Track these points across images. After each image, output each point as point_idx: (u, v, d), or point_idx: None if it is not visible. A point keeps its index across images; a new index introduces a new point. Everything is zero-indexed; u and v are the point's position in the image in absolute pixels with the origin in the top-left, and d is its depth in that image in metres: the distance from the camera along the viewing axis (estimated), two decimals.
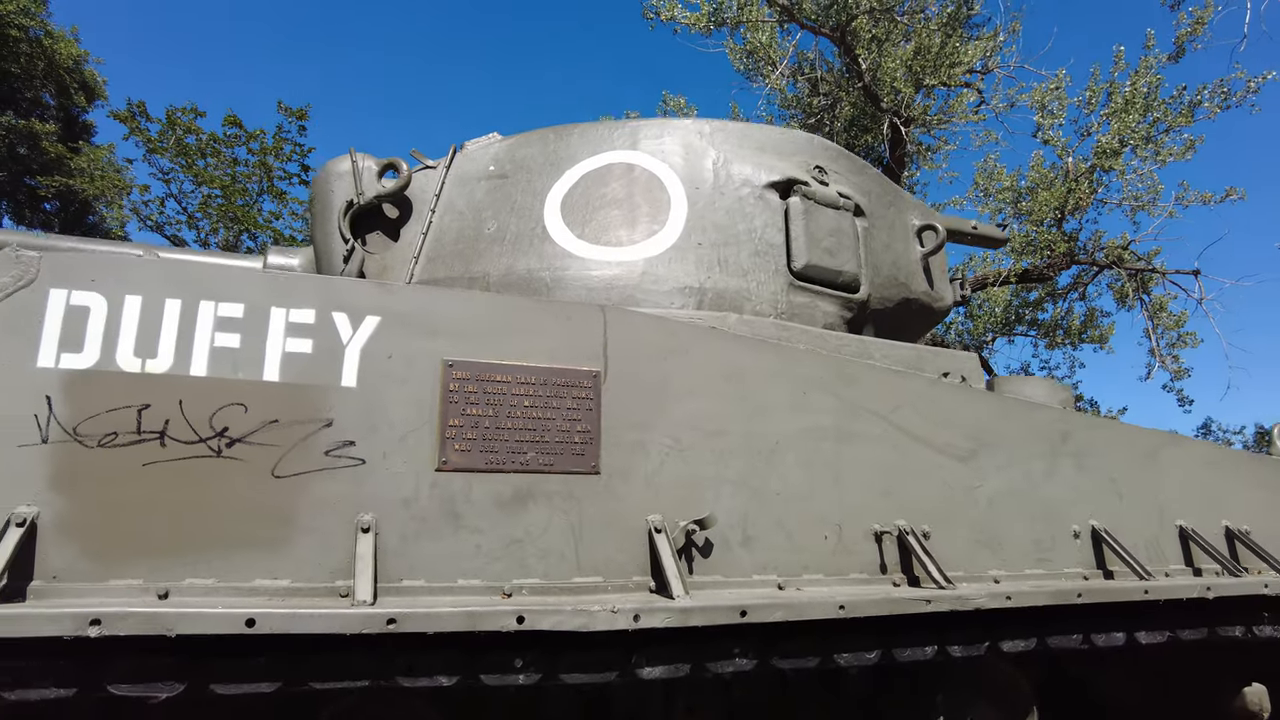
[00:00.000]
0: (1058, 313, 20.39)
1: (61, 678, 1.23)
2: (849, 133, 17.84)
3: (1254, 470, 2.44)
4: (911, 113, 15.58)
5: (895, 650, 1.68)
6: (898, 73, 15.14)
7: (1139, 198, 17.18)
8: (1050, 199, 15.69)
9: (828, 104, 17.71)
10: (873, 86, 15.61)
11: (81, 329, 1.44)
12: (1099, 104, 16.28)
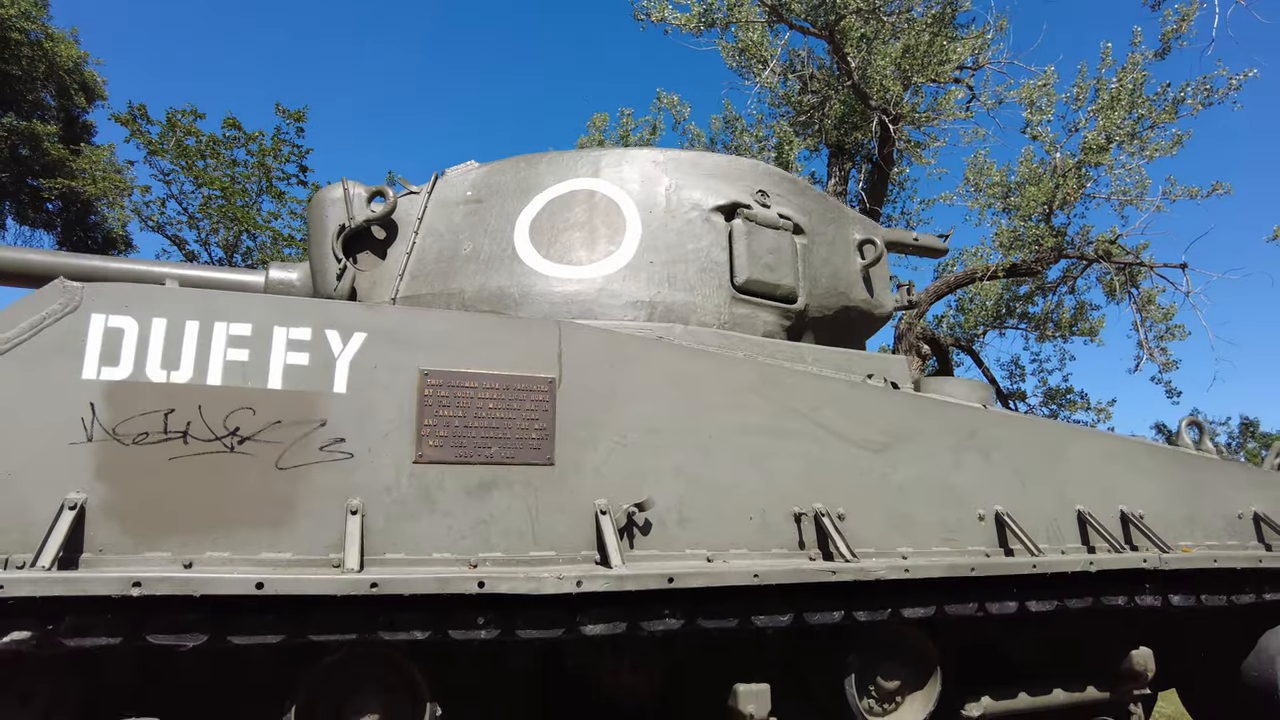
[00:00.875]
0: (1048, 306, 20.65)
1: (111, 629, 1.53)
2: (839, 130, 18.08)
3: (1150, 461, 2.74)
4: (900, 110, 15.80)
5: (806, 614, 1.98)
6: (887, 70, 15.37)
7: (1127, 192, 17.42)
8: (1038, 194, 15.96)
9: (818, 101, 17.96)
10: (861, 85, 15.85)
11: (117, 346, 1.73)
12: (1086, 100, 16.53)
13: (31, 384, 1.66)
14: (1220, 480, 2.84)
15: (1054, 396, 21.99)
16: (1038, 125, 16.96)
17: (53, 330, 1.70)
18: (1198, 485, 2.78)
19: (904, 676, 2.24)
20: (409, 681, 1.79)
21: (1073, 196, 16.62)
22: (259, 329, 1.81)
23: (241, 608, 1.61)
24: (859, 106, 16.43)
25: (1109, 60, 16.37)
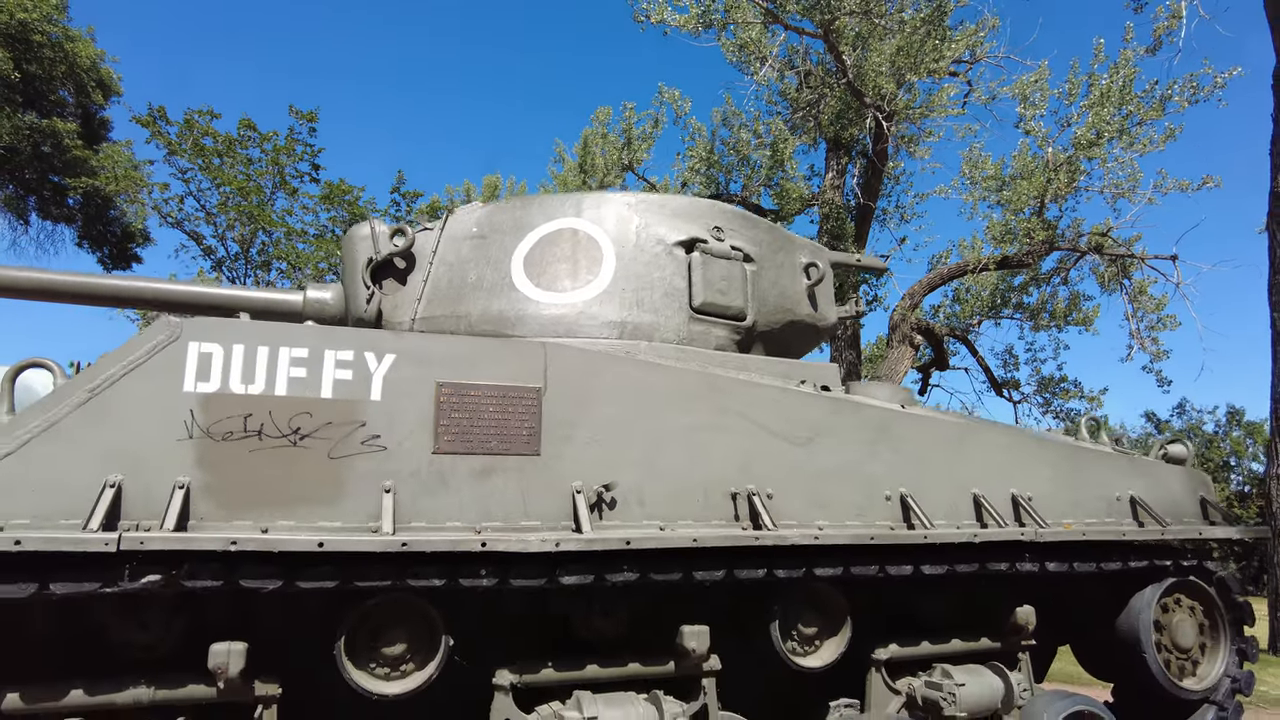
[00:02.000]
0: (1043, 296, 21.10)
1: (214, 575, 2.10)
2: (835, 125, 18.49)
3: (1041, 451, 3.28)
4: (894, 107, 16.21)
5: (736, 571, 2.55)
6: (882, 68, 15.79)
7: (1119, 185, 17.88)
8: (1029, 188, 16.41)
9: (814, 98, 18.37)
10: (856, 82, 16.28)
11: (209, 367, 2.30)
12: (1079, 95, 16.94)
13: (149, 395, 2.23)
14: (1104, 468, 3.39)
15: (1047, 385, 22.47)
16: (1031, 120, 17.39)
17: (162, 355, 2.27)
18: (1083, 472, 3.33)
19: (820, 624, 2.82)
20: (428, 619, 2.37)
21: (1064, 190, 17.07)
22: (313, 352, 2.38)
23: (306, 561, 2.19)
24: (854, 103, 16.86)
25: (1101, 56, 16.76)
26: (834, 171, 19.60)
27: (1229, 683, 3.42)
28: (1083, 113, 16.34)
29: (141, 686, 2.25)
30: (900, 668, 3.06)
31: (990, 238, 17.18)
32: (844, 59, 16.14)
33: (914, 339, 19.11)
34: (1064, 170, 16.07)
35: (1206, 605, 3.46)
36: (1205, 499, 3.55)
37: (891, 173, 19.46)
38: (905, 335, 18.80)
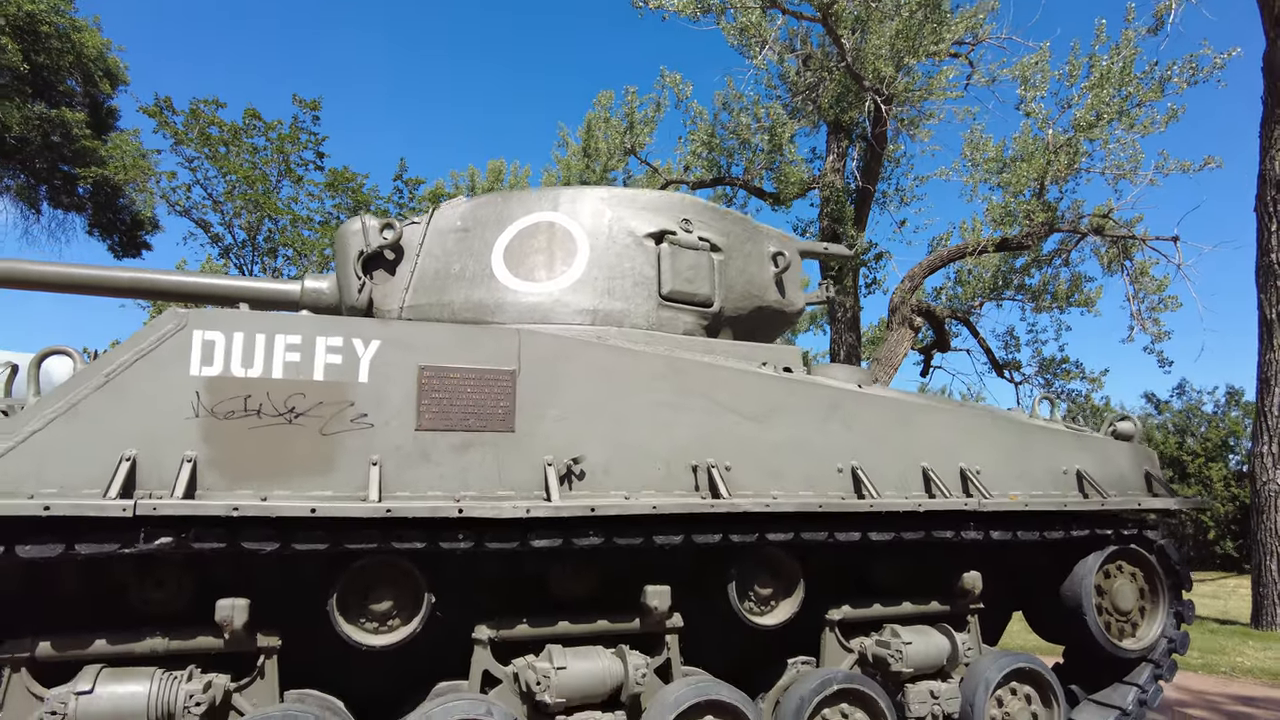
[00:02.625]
0: (1045, 278, 21.17)
1: (218, 538, 2.36)
2: (835, 109, 18.55)
3: (991, 428, 3.50)
4: (893, 90, 16.27)
5: (694, 536, 2.79)
6: (881, 51, 15.85)
7: (1120, 166, 17.92)
8: (1029, 170, 16.48)
9: (814, 81, 18.42)
10: (855, 66, 16.35)
11: (212, 352, 2.55)
12: (1080, 77, 16.96)
13: (159, 379, 2.48)
14: (1052, 444, 3.61)
15: (1048, 366, 22.58)
16: (1031, 101, 17.42)
17: (170, 342, 2.52)
18: (1031, 448, 3.55)
19: (775, 586, 3.06)
20: (412, 579, 2.63)
21: (1064, 173, 17.13)
22: (306, 339, 2.63)
23: (301, 526, 2.44)
24: (853, 87, 16.92)
25: (1103, 37, 16.78)
26: (835, 154, 19.69)
27: (1166, 643, 3.65)
28: (1083, 94, 16.36)
29: (157, 638, 2.52)
30: (853, 628, 3.31)
31: (990, 220, 17.27)
32: (843, 43, 16.20)
33: (914, 321, 19.25)
34: (1064, 152, 16.12)
35: (1147, 571, 3.70)
36: (1150, 473, 3.77)
37: (892, 155, 19.51)
38: (905, 317, 18.95)
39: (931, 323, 20.63)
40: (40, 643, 2.42)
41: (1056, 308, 20.48)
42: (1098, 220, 17.96)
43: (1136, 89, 16.10)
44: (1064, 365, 21.91)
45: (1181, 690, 6.92)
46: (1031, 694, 3.39)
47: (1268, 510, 9.85)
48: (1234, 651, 8.72)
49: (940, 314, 20.33)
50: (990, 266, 19.82)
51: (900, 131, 18.96)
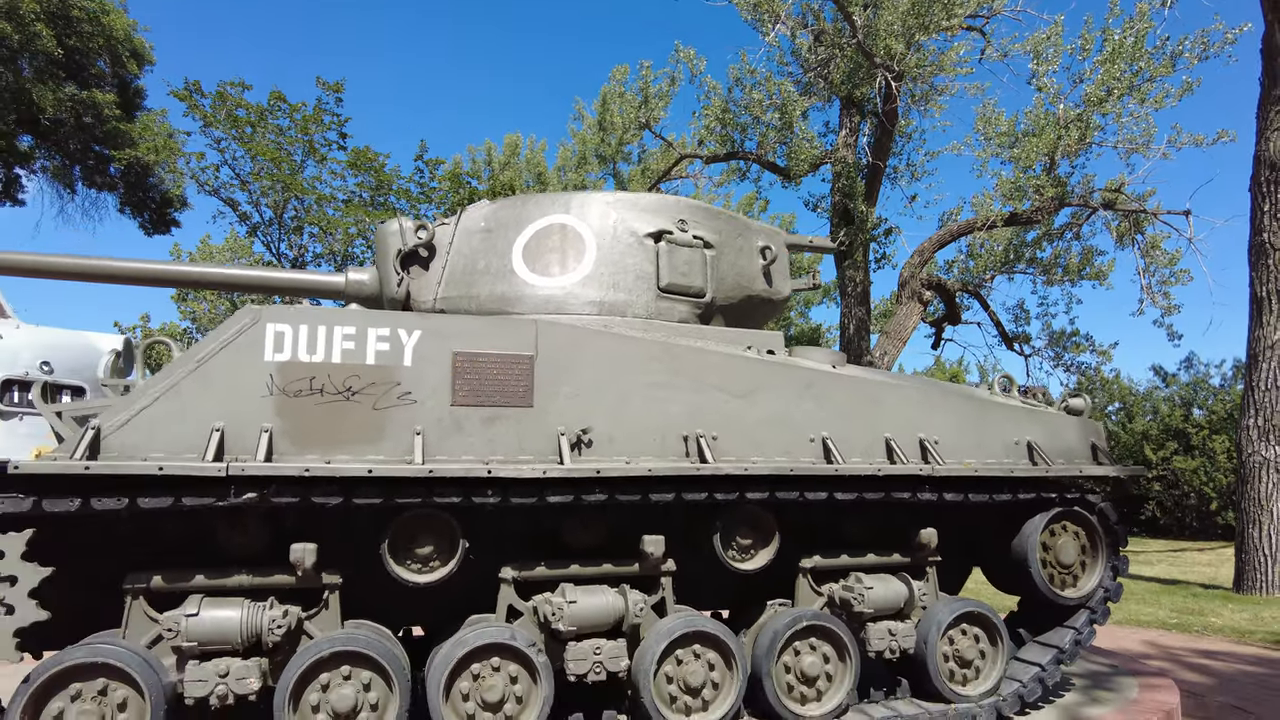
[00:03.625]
0: (1057, 251, 21.36)
1: (292, 494, 2.91)
2: (847, 84, 18.74)
3: (949, 403, 3.98)
4: (904, 67, 16.46)
5: (684, 494, 3.32)
6: (894, 26, 16.04)
7: (1133, 140, 18.05)
8: (1039, 145, 16.68)
9: (825, 59, 18.60)
10: (865, 43, 16.56)
11: (282, 341, 3.08)
12: (1093, 51, 17.05)
13: (239, 364, 3.03)
14: (1006, 417, 4.08)
15: (1059, 339, 22.83)
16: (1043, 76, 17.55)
17: (247, 334, 3.06)
18: (986, 421, 4.03)
19: (754, 538, 3.59)
20: (449, 528, 3.18)
21: (1074, 147, 17.30)
22: (359, 330, 3.15)
23: (359, 484, 2.99)
24: (864, 63, 17.13)
25: (1116, 10, 16.84)
26: (847, 129, 19.90)
27: (1102, 593, 4.15)
28: (1095, 69, 16.47)
29: (243, 575, 3.10)
30: (824, 575, 3.84)
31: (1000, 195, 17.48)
32: (854, 19, 16.37)
33: (923, 295, 19.57)
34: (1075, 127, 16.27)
35: (1088, 531, 4.18)
36: (1095, 444, 4.25)
37: (903, 130, 19.68)
38: (914, 291, 19.28)
39: (943, 296, 20.94)
40: (154, 577, 3.00)
41: (1068, 281, 20.69)
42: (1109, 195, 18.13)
43: (1148, 64, 16.19)
44: (1074, 338, 22.14)
45: (1149, 645, 7.45)
46: (980, 634, 3.91)
47: (1252, 480, 10.27)
48: (1211, 613, 9.22)
49: (951, 287, 20.61)
50: (1002, 240, 20.00)
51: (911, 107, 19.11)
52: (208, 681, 2.90)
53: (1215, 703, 5.55)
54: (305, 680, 2.98)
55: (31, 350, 8.42)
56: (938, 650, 3.77)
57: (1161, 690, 4.41)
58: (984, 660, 3.90)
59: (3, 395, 8.01)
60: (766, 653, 3.47)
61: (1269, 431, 10.14)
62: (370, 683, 3.04)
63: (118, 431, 2.89)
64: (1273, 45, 10.31)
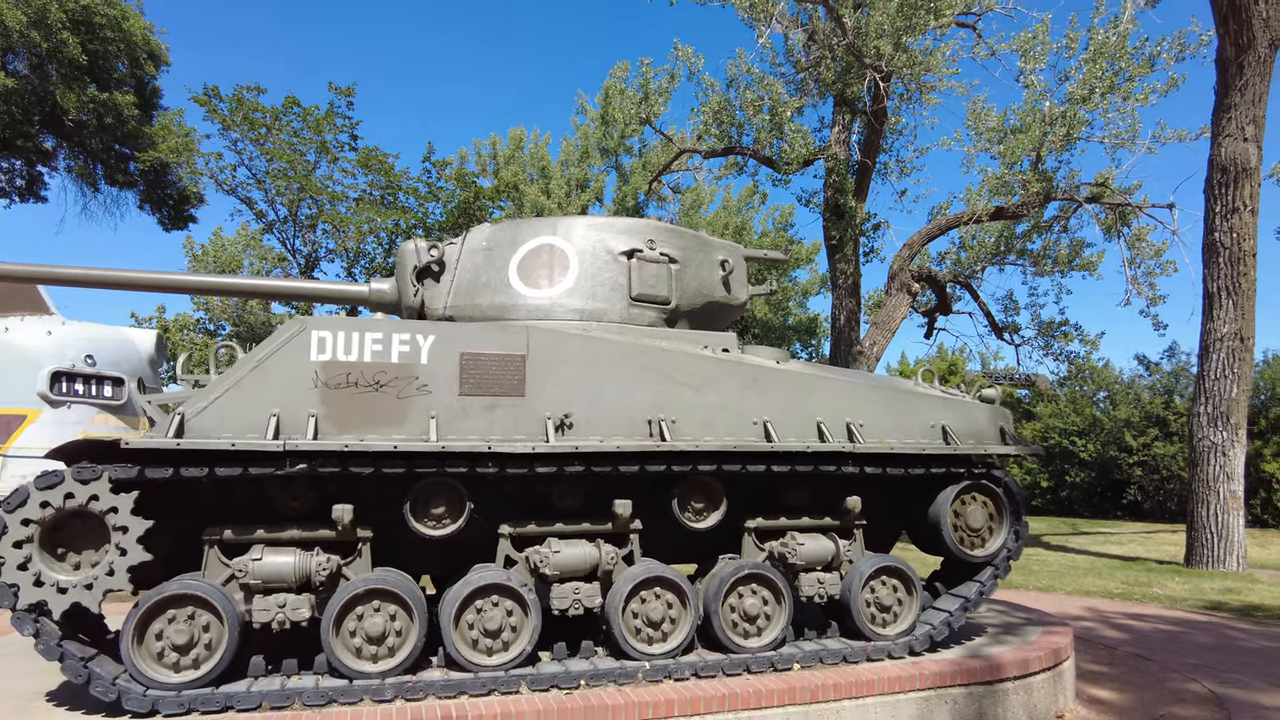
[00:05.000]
0: (1047, 243, 22.08)
1: (335, 465, 3.72)
2: (839, 84, 19.43)
3: (874, 392, 4.76)
4: (893, 68, 17.15)
5: (646, 467, 4.12)
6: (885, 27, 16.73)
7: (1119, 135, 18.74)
8: (1025, 142, 17.38)
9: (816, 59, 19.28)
10: (856, 42, 17.23)
11: (324, 345, 3.88)
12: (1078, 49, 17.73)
13: (291, 363, 3.83)
14: (924, 405, 4.86)
15: (1048, 329, 23.57)
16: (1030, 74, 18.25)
17: (296, 339, 3.86)
18: (906, 407, 4.81)
19: (705, 502, 4.39)
20: (458, 493, 3.99)
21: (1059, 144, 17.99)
22: (385, 335, 3.95)
23: (387, 458, 3.80)
24: (855, 63, 17.82)
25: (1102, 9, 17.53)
26: (839, 126, 20.58)
27: (1005, 553, 4.94)
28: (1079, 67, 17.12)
29: (295, 530, 3.91)
30: (765, 534, 4.64)
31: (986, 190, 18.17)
32: (844, 21, 17.03)
33: (911, 287, 20.31)
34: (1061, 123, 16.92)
35: (994, 500, 4.96)
36: (1003, 428, 5.02)
37: (893, 127, 20.33)
38: (904, 284, 20.03)
39: (933, 287, 21.67)
40: (225, 531, 3.83)
41: (1058, 271, 21.38)
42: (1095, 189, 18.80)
43: (1128, 64, 16.83)
44: (1063, 328, 22.85)
45: (1087, 610, 8.27)
46: (897, 585, 4.71)
47: (1201, 464, 11.04)
48: (1156, 585, 10.02)
49: (942, 279, 21.33)
50: (993, 232, 20.66)
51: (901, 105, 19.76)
52: (270, 610, 3.73)
53: (1123, 652, 6.38)
54: (345, 611, 3.80)
55: (77, 345, 9.27)
56: (860, 597, 4.58)
57: (1057, 635, 5.20)
58: (900, 606, 4.70)
59: (53, 385, 8.85)
60: (714, 595, 4.28)
61: (1218, 418, 10.89)
62: (395, 614, 3.87)
63: (197, 417, 3.70)
64: (1224, 58, 10.98)
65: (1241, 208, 10.82)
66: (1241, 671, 5.74)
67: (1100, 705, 4.99)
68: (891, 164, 20.31)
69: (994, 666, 4.53)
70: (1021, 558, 12.87)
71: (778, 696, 4.01)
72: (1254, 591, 9.37)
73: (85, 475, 3.51)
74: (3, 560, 3.39)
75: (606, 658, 4.19)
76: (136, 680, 3.54)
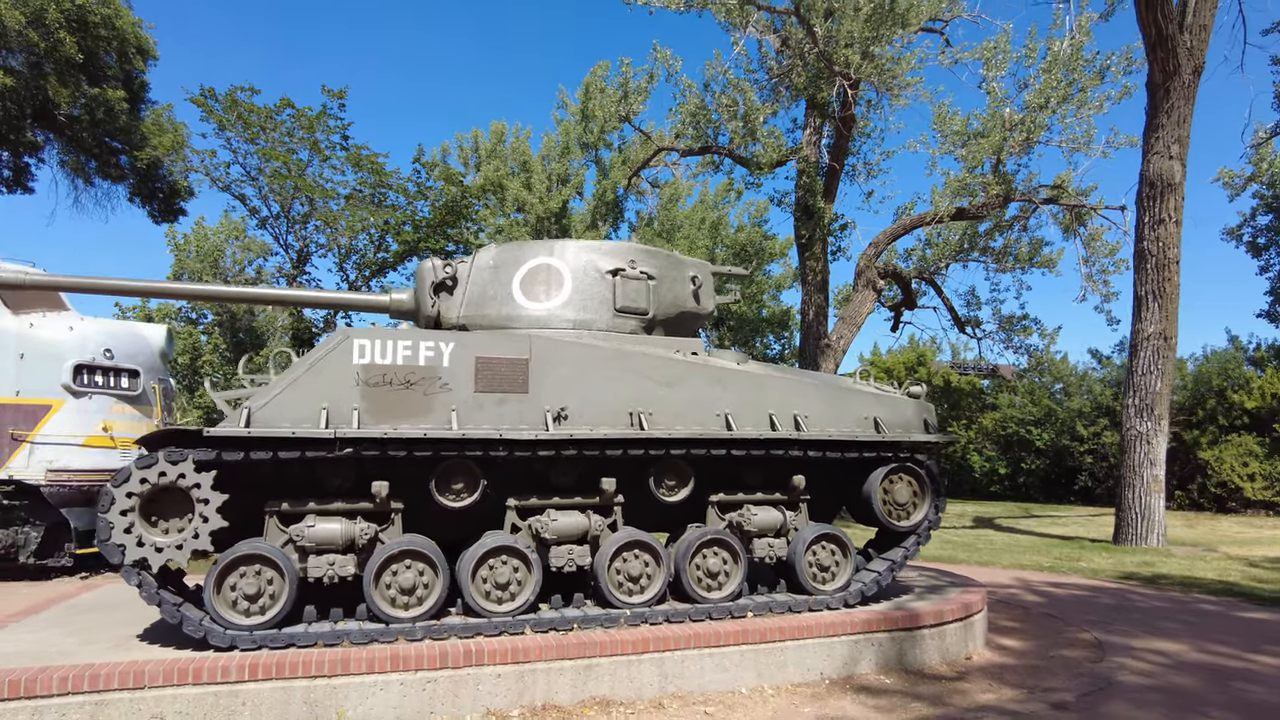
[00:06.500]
0: (1008, 241, 23.28)
1: (375, 450, 4.58)
2: (810, 89, 20.39)
3: (817, 389, 5.70)
4: (861, 75, 18.12)
5: (628, 451, 5.02)
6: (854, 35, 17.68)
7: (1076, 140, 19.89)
8: (986, 146, 18.48)
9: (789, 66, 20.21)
10: (827, 50, 18.18)
11: (364, 351, 4.74)
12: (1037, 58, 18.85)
13: (337, 365, 4.68)
14: (859, 400, 5.81)
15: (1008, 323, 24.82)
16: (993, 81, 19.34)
17: (341, 346, 4.71)
18: (844, 402, 5.75)
19: (677, 479, 5.31)
20: (474, 472, 4.87)
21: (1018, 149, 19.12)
22: (414, 343, 4.81)
23: (416, 444, 4.66)
24: (825, 70, 18.79)
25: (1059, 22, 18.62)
26: (811, 129, 21.55)
27: (927, 523, 5.92)
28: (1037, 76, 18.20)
29: (340, 502, 4.78)
30: (726, 506, 5.58)
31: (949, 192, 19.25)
32: (815, 31, 17.95)
33: (876, 284, 21.38)
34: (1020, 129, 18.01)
35: (919, 480, 5.93)
36: (927, 420, 5.99)
37: (862, 131, 21.33)
38: (869, 280, 21.10)
39: (899, 283, 22.78)
40: (283, 503, 4.68)
41: (1019, 268, 22.57)
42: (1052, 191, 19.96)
43: (1080, 75, 17.95)
44: (1023, 321, 24.08)
45: (1015, 580, 9.34)
46: (835, 549, 5.67)
47: (1130, 451, 12.18)
48: (1085, 559, 11.15)
49: (907, 275, 22.44)
50: (957, 230, 21.77)
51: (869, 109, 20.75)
52: (322, 568, 4.60)
53: (1037, 612, 7.43)
54: (382, 568, 4.68)
55: (96, 339, 9.96)
56: (803, 558, 5.53)
57: (971, 594, 6.20)
58: (837, 567, 5.66)
59: (76, 377, 9.55)
60: (683, 555, 5.21)
61: (1144, 410, 12.03)
62: (423, 571, 4.75)
63: (261, 410, 4.54)
64: (1153, 82, 12.04)
65: (1167, 219, 11.91)
66: (1127, 624, 6.80)
67: (1004, 650, 6.00)
68: (859, 166, 21.31)
69: (913, 616, 5.51)
70: (971, 538, 14.01)
71: (734, 638, 4.95)
72: (1166, 564, 10.52)
73: (175, 457, 4.35)
74: (112, 525, 4.23)
75: (595, 606, 5.11)
76: (216, 623, 4.39)
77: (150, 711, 3.88)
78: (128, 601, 5.82)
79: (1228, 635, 6.39)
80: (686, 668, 4.79)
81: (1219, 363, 21.81)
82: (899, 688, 4.97)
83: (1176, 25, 11.55)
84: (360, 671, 4.22)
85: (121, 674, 3.87)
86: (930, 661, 5.49)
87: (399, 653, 4.36)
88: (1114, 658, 5.68)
